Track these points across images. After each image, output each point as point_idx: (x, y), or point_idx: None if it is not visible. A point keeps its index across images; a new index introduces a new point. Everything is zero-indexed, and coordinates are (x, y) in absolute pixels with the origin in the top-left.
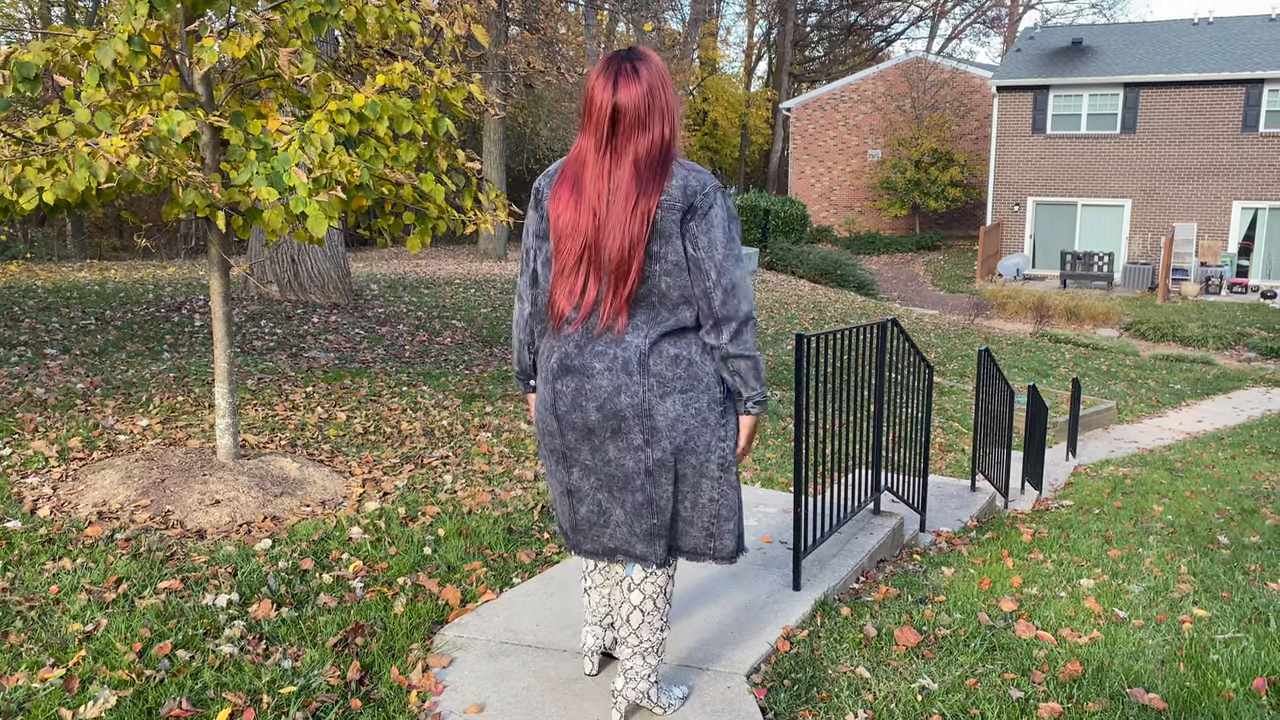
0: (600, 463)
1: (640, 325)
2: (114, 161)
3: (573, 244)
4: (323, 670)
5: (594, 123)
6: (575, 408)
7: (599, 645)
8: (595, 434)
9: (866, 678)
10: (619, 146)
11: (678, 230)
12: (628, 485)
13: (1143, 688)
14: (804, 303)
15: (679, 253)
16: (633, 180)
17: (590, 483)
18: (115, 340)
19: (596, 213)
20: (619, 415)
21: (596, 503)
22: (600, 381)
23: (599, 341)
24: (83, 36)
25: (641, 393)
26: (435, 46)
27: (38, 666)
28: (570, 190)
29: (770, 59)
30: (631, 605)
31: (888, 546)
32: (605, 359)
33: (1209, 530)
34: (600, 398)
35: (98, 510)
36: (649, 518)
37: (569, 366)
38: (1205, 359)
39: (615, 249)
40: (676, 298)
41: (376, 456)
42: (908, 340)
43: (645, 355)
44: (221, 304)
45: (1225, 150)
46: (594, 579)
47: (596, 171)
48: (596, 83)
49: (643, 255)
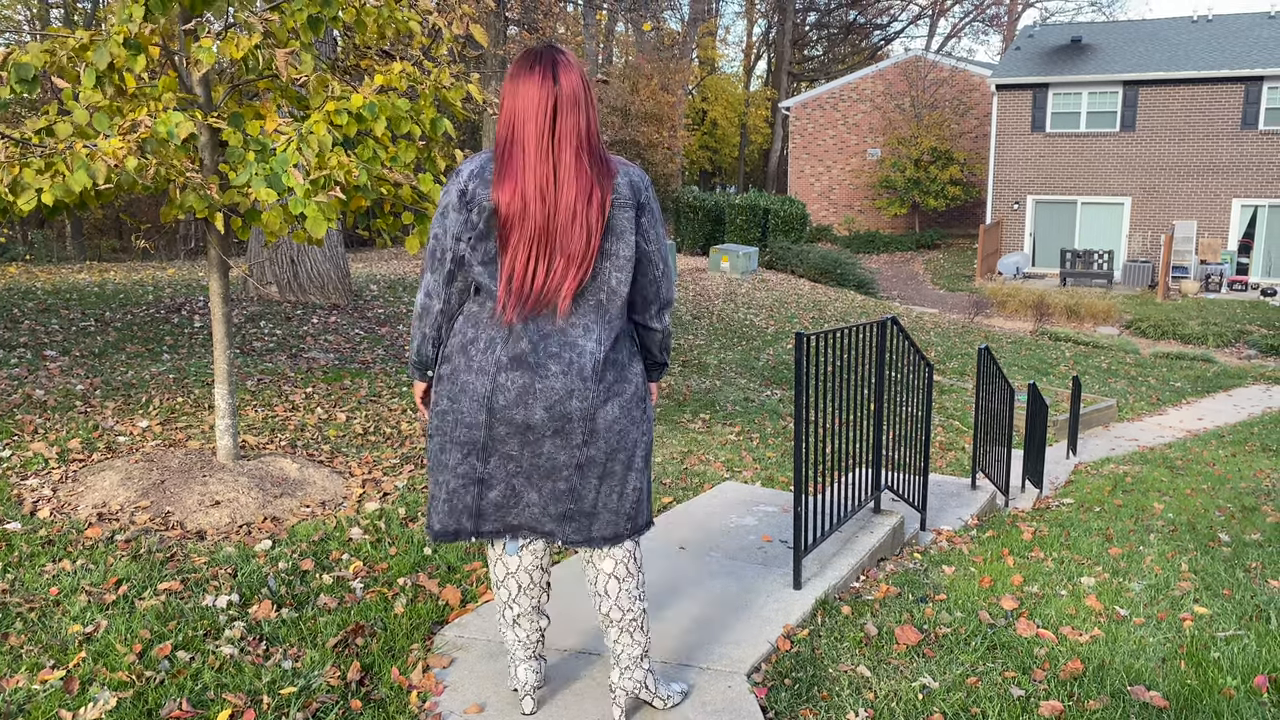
0: (529, 455)
1: (592, 327)
2: (112, 163)
3: (522, 236)
4: (323, 671)
5: (534, 113)
6: (519, 404)
7: (539, 680)
8: (533, 431)
9: (867, 676)
10: (560, 135)
11: (631, 227)
12: (553, 474)
13: (1144, 686)
14: (804, 301)
15: (631, 248)
16: (579, 170)
17: (508, 469)
18: (115, 342)
19: (546, 202)
20: (566, 418)
21: (511, 488)
22: (554, 383)
23: (552, 341)
24: (80, 38)
25: (591, 399)
26: (434, 46)
27: (38, 668)
28: (514, 183)
29: (769, 58)
30: (606, 574)
31: (888, 545)
32: (561, 361)
33: (1210, 528)
34: (551, 399)
35: (97, 512)
36: (566, 503)
37: (521, 362)
38: (1205, 356)
39: (571, 238)
40: (624, 294)
41: (376, 457)
42: (908, 339)
43: (600, 364)
44: (221, 305)
45: (1225, 148)
46: (520, 604)
47: (540, 163)
48: (531, 76)
49: (598, 247)
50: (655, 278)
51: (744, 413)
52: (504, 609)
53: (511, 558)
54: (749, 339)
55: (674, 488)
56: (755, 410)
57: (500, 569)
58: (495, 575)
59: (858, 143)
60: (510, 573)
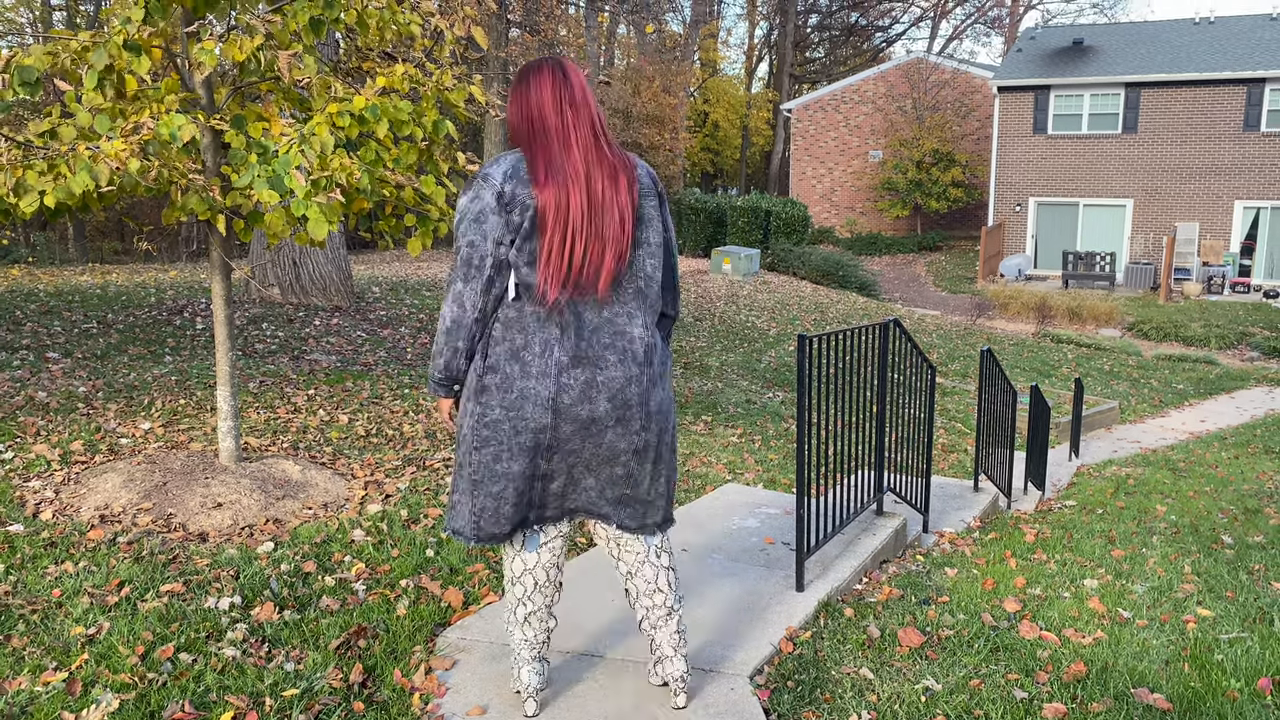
0: (591, 447)
1: (636, 314)
2: (115, 165)
3: (558, 221)
4: (325, 673)
5: (554, 108)
6: (584, 399)
7: (542, 682)
8: (596, 423)
9: (870, 679)
10: (581, 125)
11: (657, 215)
12: (612, 461)
13: (1147, 688)
14: (806, 304)
15: (660, 235)
16: (603, 155)
17: (568, 463)
18: (117, 344)
19: (581, 188)
20: (626, 405)
21: (571, 478)
22: (614, 373)
23: (603, 332)
24: (82, 40)
25: (645, 383)
26: (436, 49)
27: (40, 670)
28: (555, 176)
29: (771, 60)
30: (665, 569)
31: (891, 547)
32: (616, 350)
33: (1212, 530)
34: (613, 389)
35: (100, 513)
36: (623, 488)
37: (581, 359)
38: (1208, 359)
39: (607, 220)
40: (659, 280)
41: (379, 459)
42: (910, 341)
43: (650, 348)
44: (223, 307)
45: (1227, 150)
46: (534, 602)
47: (569, 153)
48: (541, 76)
49: (633, 234)
50: (673, 265)
51: (746, 415)
52: (516, 606)
53: (530, 554)
54: (751, 341)
55: (676, 490)
56: (757, 412)
57: (518, 565)
58: (511, 571)
59: (859, 145)
60: (527, 569)
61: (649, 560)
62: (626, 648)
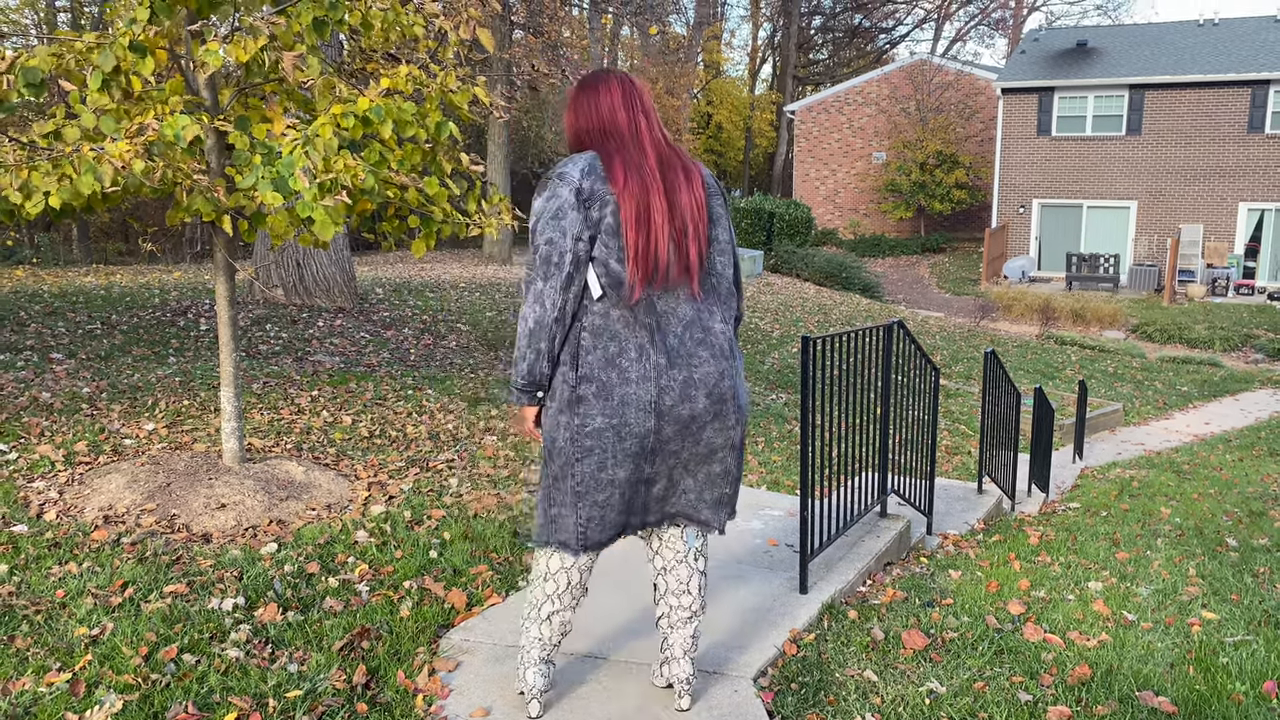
0: (689, 445)
1: (714, 309)
2: (119, 166)
3: (651, 226)
4: (329, 674)
5: (625, 111)
6: (684, 399)
7: (547, 684)
8: (696, 420)
9: (874, 681)
10: (651, 125)
11: (724, 213)
12: (710, 458)
13: (1152, 691)
14: (809, 305)
15: (727, 233)
16: (674, 151)
17: (668, 464)
18: (121, 344)
19: (667, 192)
20: (722, 399)
21: (671, 480)
22: (708, 369)
23: (693, 329)
24: (87, 41)
25: (733, 376)
26: (440, 50)
27: (44, 671)
28: (634, 176)
29: (774, 62)
30: (699, 573)
31: (894, 549)
32: (708, 346)
33: (1217, 533)
34: (709, 384)
35: (103, 514)
36: (722, 486)
37: (676, 358)
38: (1212, 361)
39: (691, 228)
40: (729, 277)
41: (382, 460)
42: (914, 342)
43: (732, 341)
44: (227, 308)
45: (1231, 151)
46: (562, 600)
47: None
48: (608, 83)
49: (707, 227)
50: (737, 263)
51: (750, 416)
52: (542, 603)
53: (569, 554)
54: (754, 343)
55: None
56: (761, 414)
57: (555, 561)
58: (546, 568)
59: (863, 146)
60: (564, 567)
61: (686, 561)
62: (630, 650)
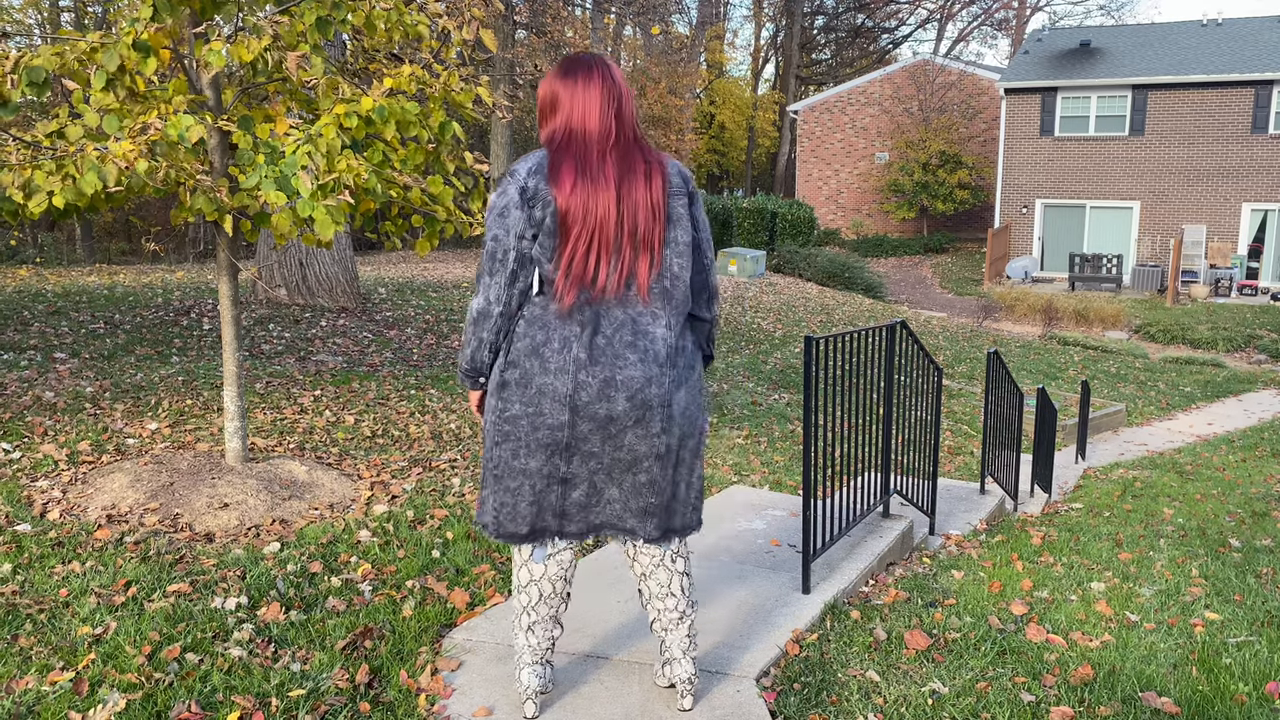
0: (610, 449)
1: (660, 313)
2: (123, 166)
3: (584, 228)
4: (331, 673)
5: (599, 111)
6: (602, 398)
7: (542, 685)
8: (615, 423)
9: (877, 681)
10: (622, 129)
11: (686, 214)
12: (634, 467)
13: (1155, 691)
14: (812, 305)
15: (689, 234)
16: (639, 158)
17: (589, 467)
18: (124, 344)
19: (620, 197)
20: (646, 405)
21: (592, 485)
22: (633, 372)
23: (625, 330)
24: (91, 41)
25: (667, 384)
26: (443, 50)
27: (47, 669)
28: (580, 178)
29: (777, 62)
30: (679, 574)
31: (897, 549)
32: (637, 349)
33: (1220, 533)
34: (632, 388)
35: (107, 513)
36: (648, 497)
37: (599, 356)
38: (1215, 361)
39: (640, 221)
40: (686, 280)
41: (385, 460)
42: (916, 342)
43: (672, 349)
44: (230, 308)
45: (1234, 152)
46: (539, 612)
47: (603, 157)
48: (591, 77)
49: (664, 231)
50: (705, 266)
51: (752, 416)
52: (521, 614)
53: (537, 565)
54: (756, 343)
55: None
56: (763, 414)
57: (524, 574)
58: (519, 580)
59: (866, 146)
60: (534, 579)
61: (664, 564)
62: (632, 650)
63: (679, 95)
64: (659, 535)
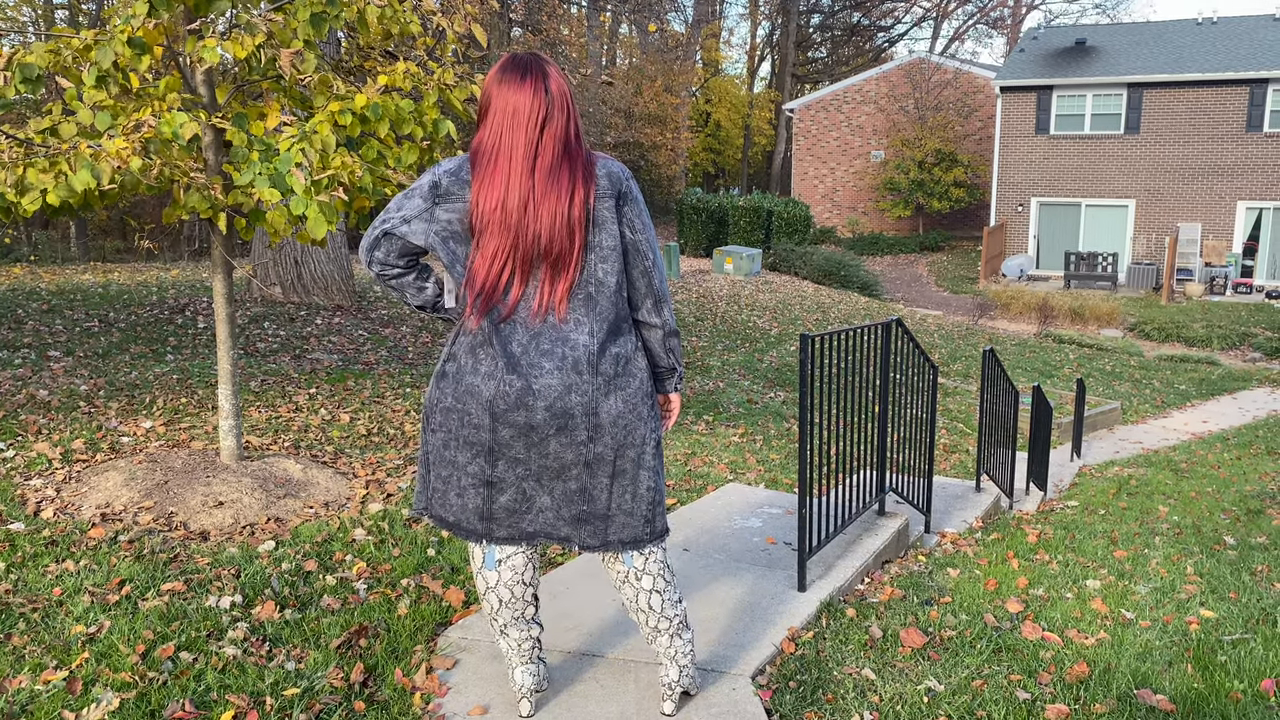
0: (536, 456)
1: (583, 320)
2: (116, 163)
3: (501, 244)
4: (326, 672)
5: (525, 123)
6: (520, 406)
7: (536, 683)
8: (536, 431)
9: (872, 679)
10: (547, 144)
11: (613, 216)
12: (562, 475)
13: (1150, 689)
14: (808, 303)
15: (615, 238)
16: (563, 175)
17: (517, 473)
18: (119, 342)
19: (528, 211)
20: (567, 414)
21: (521, 491)
22: (550, 380)
23: (543, 339)
24: (85, 38)
25: (590, 391)
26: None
27: (41, 669)
28: (497, 189)
29: (773, 60)
30: (646, 591)
31: (893, 547)
32: (554, 358)
33: (1215, 531)
34: (550, 397)
35: (101, 512)
36: (579, 504)
37: (516, 365)
38: (1210, 359)
39: (555, 238)
40: (614, 284)
41: (380, 458)
42: (912, 340)
43: (595, 355)
44: (224, 306)
45: (1230, 150)
46: (503, 616)
47: (525, 173)
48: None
49: (584, 243)
50: (646, 268)
51: (747, 414)
52: (490, 619)
53: (490, 572)
54: (752, 341)
55: (678, 489)
56: (759, 412)
57: (480, 582)
58: (478, 587)
59: (862, 145)
60: (489, 587)
61: (628, 582)
62: (627, 647)
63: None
64: (597, 544)
